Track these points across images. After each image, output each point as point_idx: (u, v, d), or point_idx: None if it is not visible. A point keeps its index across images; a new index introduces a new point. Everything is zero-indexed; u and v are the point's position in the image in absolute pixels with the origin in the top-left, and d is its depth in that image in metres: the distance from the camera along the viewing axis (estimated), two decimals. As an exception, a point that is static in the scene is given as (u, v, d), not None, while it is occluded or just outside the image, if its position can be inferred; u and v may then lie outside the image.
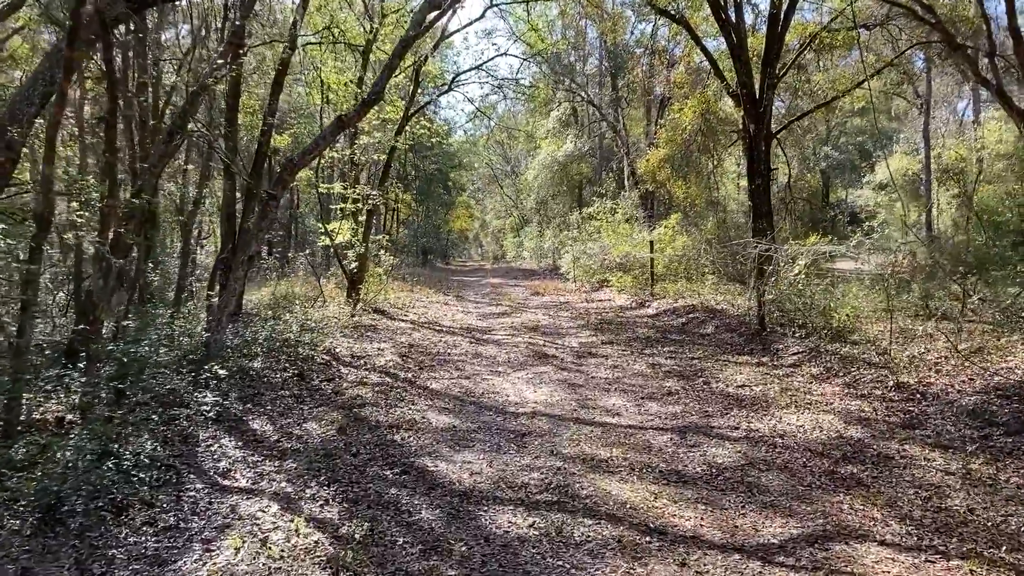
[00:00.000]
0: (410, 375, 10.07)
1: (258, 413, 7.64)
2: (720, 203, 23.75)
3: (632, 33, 34.13)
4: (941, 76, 32.32)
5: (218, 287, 11.63)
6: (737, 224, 24.61)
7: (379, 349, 11.83)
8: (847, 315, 10.94)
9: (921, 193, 33.23)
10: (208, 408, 7.14)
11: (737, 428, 7.23)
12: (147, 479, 5.42)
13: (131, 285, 11.38)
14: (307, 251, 18.58)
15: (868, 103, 32.65)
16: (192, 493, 5.41)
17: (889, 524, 4.79)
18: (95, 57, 9.11)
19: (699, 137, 21.54)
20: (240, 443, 6.65)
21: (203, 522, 4.94)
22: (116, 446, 5.74)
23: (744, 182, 30.42)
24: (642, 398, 8.66)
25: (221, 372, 7.54)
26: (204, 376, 7.64)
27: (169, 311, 10.63)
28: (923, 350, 9.55)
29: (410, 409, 8.11)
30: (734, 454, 6.37)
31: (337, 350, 11.40)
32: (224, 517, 5.02)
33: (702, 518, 4.98)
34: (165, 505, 5.13)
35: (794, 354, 10.65)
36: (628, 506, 5.19)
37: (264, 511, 5.10)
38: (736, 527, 4.82)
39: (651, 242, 19.55)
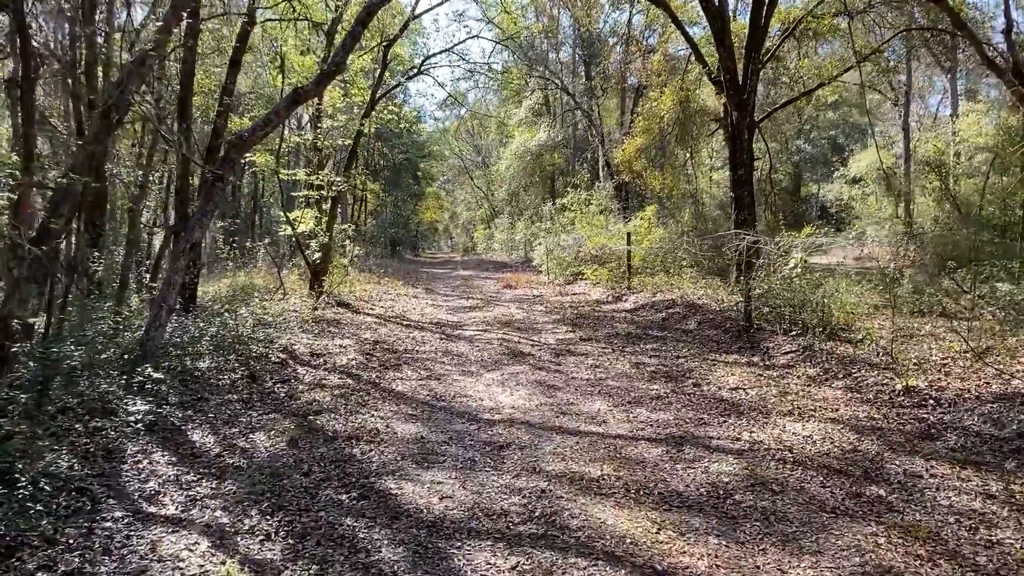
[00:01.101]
0: (374, 376, 9.19)
1: (200, 421, 6.72)
2: (696, 195, 23.08)
3: (606, 22, 33.45)
4: (914, 70, 32.04)
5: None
6: (713, 216, 24.06)
7: (341, 346, 10.94)
8: (846, 312, 10.27)
9: (897, 187, 33.02)
10: (139, 416, 6.21)
11: (738, 439, 6.48)
12: (53, 507, 4.52)
13: (71, 276, 10.39)
14: (266, 240, 17.52)
15: (842, 96, 32.31)
16: (108, 524, 4.51)
17: (939, 564, 4.05)
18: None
19: (676, 127, 20.86)
20: (174, 458, 5.74)
21: (115, 564, 4.05)
22: (21, 465, 4.82)
23: (717, 175, 29.95)
24: (629, 403, 7.88)
25: (156, 375, 6.58)
26: (137, 380, 6.68)
27: (108, 304, 9.64)
28: (926, 350, 8.93)
29: (372, 416, 7.24)
30: (740, 471, 5.61)
31: (295, 347, 10.49)
32: (142, 558, 4.12)
33: (716, 556, 4.20)
34: (71, 542, 4.22)
35: (786, 353, 9.97)
36: (628, 540, 4.39)
37: (191, 549, 4.22)
38: (758, 568, 4.05)
39: (628, 234, 18.82)
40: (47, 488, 4.64)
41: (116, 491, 5.02)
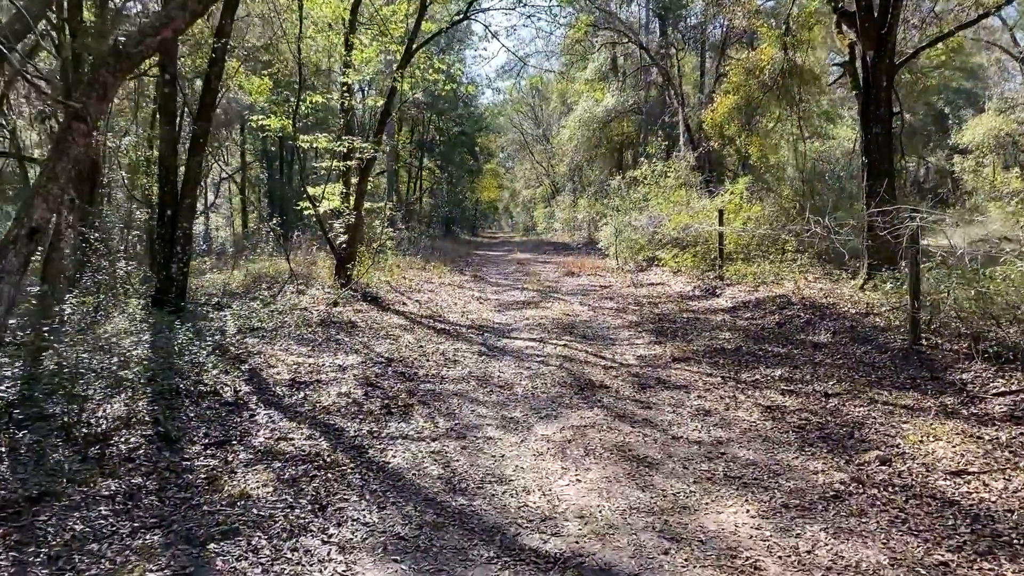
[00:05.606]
0: (365, 430, 6.00)
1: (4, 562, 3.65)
2: (804, 163, 19.11)
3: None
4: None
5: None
6: (817, 191, 20.15)
7: (340, 368, 7.84)
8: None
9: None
10: None
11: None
12: None
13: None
14: (273, 220, 14.57)
15: (950, 57, 27.78)
16: None
17: None
18: None
19: (780, 80, 17.00)
20: None
21: None
22: None
23: (802, 145, 25.84)
24: (785, 507, 4.48)
25: None
26: None
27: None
28: None
29: (326, 544, 4.00)
30: None
31: (273, 370, 7.44)
32: None
33: None
34: None
35: (1001, 395, 6.41)
36: None
37: None
38: None
39: (720, 211, 15.20)
40: None
41: None
